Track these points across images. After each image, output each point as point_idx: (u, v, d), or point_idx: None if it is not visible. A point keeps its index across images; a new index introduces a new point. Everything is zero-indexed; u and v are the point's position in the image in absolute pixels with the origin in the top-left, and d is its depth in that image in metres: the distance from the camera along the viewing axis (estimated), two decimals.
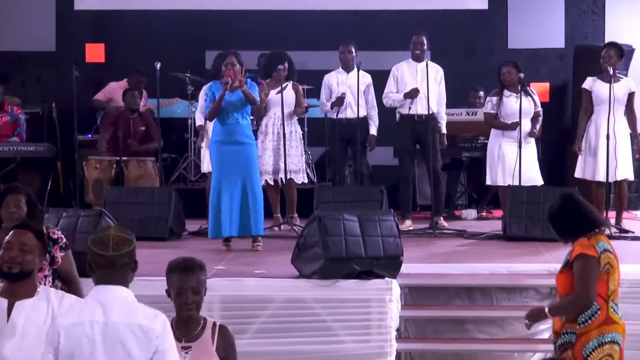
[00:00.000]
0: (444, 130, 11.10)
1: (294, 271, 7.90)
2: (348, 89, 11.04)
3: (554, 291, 8.20)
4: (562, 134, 12.76)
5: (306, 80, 11.24)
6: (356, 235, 7.72)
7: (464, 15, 13.28)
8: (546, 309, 5.87)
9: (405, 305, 7.93)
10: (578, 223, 5.87)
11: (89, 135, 12.34)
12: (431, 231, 10.45)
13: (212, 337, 5.23)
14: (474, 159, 12.03)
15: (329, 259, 7.59)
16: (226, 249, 9.41)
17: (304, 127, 11.59)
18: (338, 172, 11.26)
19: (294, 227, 10.27)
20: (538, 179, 10.60)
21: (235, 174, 9.23)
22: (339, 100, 10.99)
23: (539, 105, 10.73)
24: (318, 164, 12.43)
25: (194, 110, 11.92)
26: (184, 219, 10.48)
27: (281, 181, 10.73)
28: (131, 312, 4.37)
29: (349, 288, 7.61)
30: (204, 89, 10.87)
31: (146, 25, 13.15)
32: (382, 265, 7.69)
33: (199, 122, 11.01)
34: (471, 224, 11.32)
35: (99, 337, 4.34)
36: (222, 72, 9.34)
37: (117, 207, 9.86)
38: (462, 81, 11.48)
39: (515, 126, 10.41)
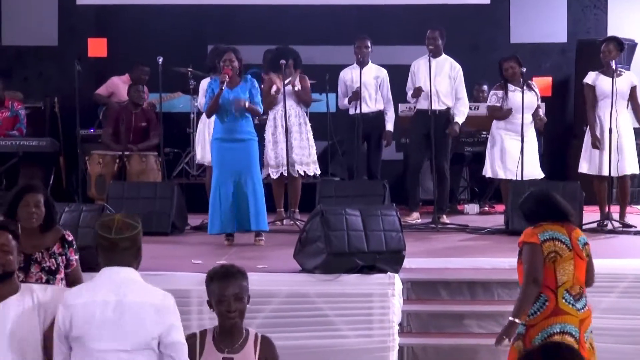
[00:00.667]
0: (457, 120, 10.99)
1: (297, 266, 7.90)
2: (363, 84, 11.03)
3: None
4: (565, 128, 12.76)
5: (309, 75, 11.21)
6: (359, 230, 7.72)
7: (467, 9, 13.27)
8: (510, 317, 5.87)
9: (407, 300, 7.94)
10: (543, 212, 5.94)
11: (92, 130, 12.34)
12: (433, 226, 10.46)
13: (255, 349, 5.05)
14: (476, 154, 12.02)
15: (331, 253, 7.59)
16: (228, 243, 9.40)
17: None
18: (351, 166, 11.22)
19: (296, 222, 10.27)
20: (538, 173, 10.60)
21: (235, 170, 9.22)
22: (355, 95, 11.00)
23: (539, 99, 10.73)
24: (320, 159, 12.40)
25: (196, 104, 11.92)
26: (187, 213, 10.48)
27: (288, 175, 10.64)
28: (142, 291, 4.58)
29: (351, 283, 7.61)
30: (202, 84, 10.89)
31: (148, 19, 13.15)
32: (384, 260, 7.69)
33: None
34: (473, 218, 11.32)
35: (111, 316, 4.51)
36: (220, 68, 9.32)
37: (119, 201, 9.86)
38: (465, 76, 11.42)
39: (508, 114, 10.44)
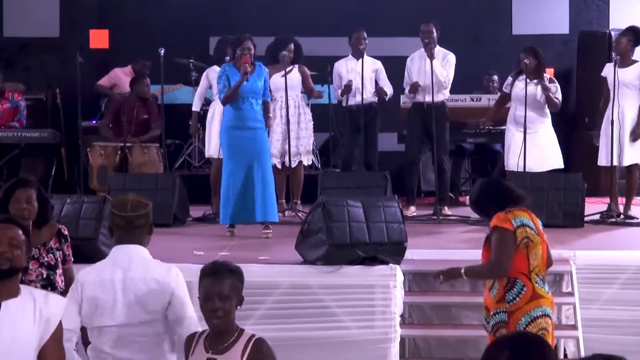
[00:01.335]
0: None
1: (298, 257, 7.90)
2: (357, 75, 11.01)
3: (557, 277, 8.22)
4: (567, 119, 12.72)
5: (311, 66, 11.20)
6: (360, 221, 7.72)
7: (468, 1, 13.26)
8: (462, 269, 5.98)
9: (409, 291, 7.94)
10: (498, 198, 5.97)
11: (93, 121, 12.34)
12: (435, 217, 10.46)
13: (244, 351, 4.62)
14: (478, 145, 12.00)
15: (333, 245, 7.59)
16: (230, 234, 9.41)
17: None
18: (347, 158, 11.21)
19: (298, 213, 10.27)
20: (552, 164, 10.52)
21: (246, 159, 9.20)
22: (347, 88, 10.99)
23: (556, 92, 10.56)
24: (322, 150, 12.41)
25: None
26: (188, 205, 10.48)
27: (288, 165, 10.63)
28: (148, 267, 4.96)
29: (353, 274, 7.62)
30: (205, 73, 10.89)
31: (150, 11, 13.13)
32: (386, 251, 7.69)
33: (195, 108, 11.00)
34: None
35: (120, 292, 4.91)
36: (238, 56, 9.31)
37: (121, 193, 9.82)
38: (466, 67, 11.42)
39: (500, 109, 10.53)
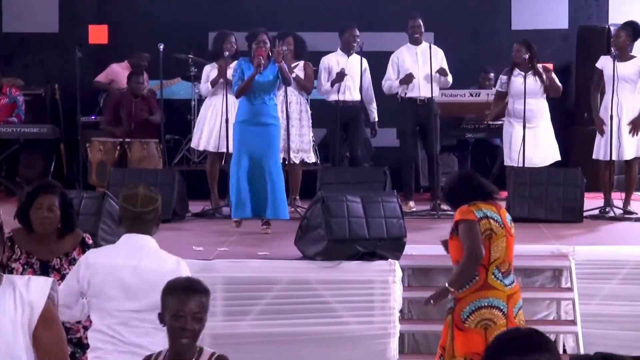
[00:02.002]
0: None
1: (298, 253, 7.91)
2: (349, 72, 10.97)
3: (556, 272, 8.23)
4: (566, 115, 12.71)
5: (311, 61, 11.16)
6: (359, 217, 7.72)
7: None
8: (446, 284, 5.94)
9: (408, 287, 7.95)
10: (469, 192, 6.02)
11: (92, 116, 12.33)
12: (434, 213, 10.45)
13: None
14: (478, 140, 12.00)
15: (332, 240, 7.60)
16: (236, 225, 9.42)
17: None
18: (336, 155, 11.18)
19: (297, 209, 10.27)
20: (552, 157, 10.53)
21: (256, 154, 9.20)
22: (340, 76, 10.83)
23: (551, 79, 10.55)
24: (320, 146, 12.39)
25: (197, 92, 11.90)
26: (187, 200, 10.48)
27: (288, 161, 10.60)
28: (158, 258, 4.99)
29: (352, 269, 7.62)
30: (205, 70, 10.86)
31: (149, 6, 13.10)
32: (385, 247, 7.70)
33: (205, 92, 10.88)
34: None
35: (127, 279, 4.88)
36: (254, 50, 9.28)
37: (120, 188, 9.81)
38: (465, 63, 11.41)
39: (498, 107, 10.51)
